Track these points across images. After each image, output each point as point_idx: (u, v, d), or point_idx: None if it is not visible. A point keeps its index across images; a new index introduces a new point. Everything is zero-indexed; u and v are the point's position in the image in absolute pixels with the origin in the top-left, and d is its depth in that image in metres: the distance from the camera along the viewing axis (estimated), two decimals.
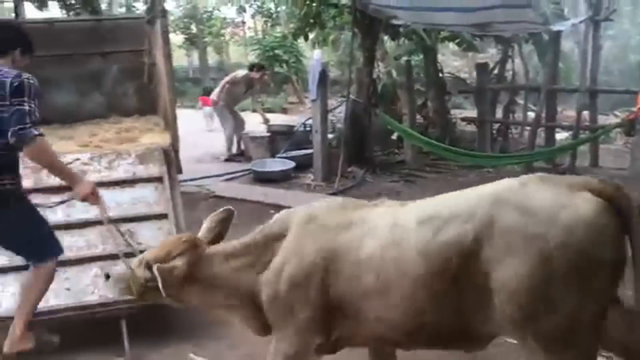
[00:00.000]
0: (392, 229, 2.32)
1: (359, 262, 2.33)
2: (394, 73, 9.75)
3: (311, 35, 10.97)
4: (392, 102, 9.38)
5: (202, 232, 2.78)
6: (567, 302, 2.01)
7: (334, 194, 7.15)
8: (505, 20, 6.59)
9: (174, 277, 2.50)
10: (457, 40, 10.17)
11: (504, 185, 2.23)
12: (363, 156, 8.23)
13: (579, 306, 2.02)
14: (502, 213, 2.08)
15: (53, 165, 3.03)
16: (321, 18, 9.88)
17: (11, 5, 7.83)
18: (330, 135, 8.49)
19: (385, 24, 8.05)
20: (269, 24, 22.34)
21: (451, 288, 2.18)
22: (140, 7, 22.75)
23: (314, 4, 9.41)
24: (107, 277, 2.76)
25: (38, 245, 3.18)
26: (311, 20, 9.82)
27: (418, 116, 9.53)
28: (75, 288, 3.63)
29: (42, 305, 3.37)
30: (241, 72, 10.02)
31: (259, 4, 21.49)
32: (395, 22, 7.61)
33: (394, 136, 9.53)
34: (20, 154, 3.03)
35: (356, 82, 8.34)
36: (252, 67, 9.91)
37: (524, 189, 2.13)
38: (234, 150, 9.86)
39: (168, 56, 4.70)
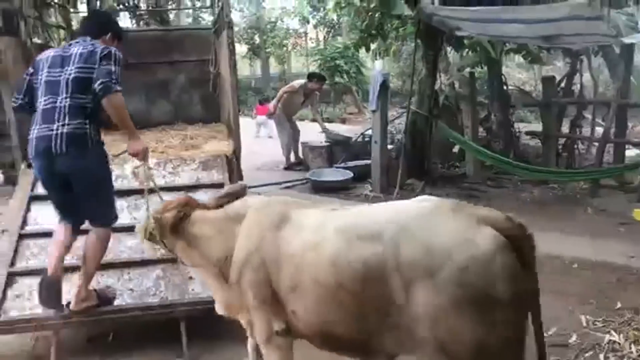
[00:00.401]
0: (316, 232, 2.42)
1: (285, 255, 2.46)
2: (457, 85, 9.62)
3: (373, 46, 10.97)
4: (454, 114, 9.24)
5: (210, 198, 3.04)
6: (469, 332, 2.06)
7: None
8: (574, 32, 6.38)
9: (163, 227, 2.83)
10: (522, 53, 9.94)
11: (414, 211, 2.27)
12: (423, 168, 8.13)
13: (483, 336, 2.06)
14: (406, 242, 2.14)
15: (123, 118, 3.36)
16: (383, 29, 9.87)
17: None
18: (389, 146, 8.44)
19: (448, 35, 7.97)
20: (330, 35, 22.53)
21: (357, 303, 2.25)
22: (207, 18, 23.39)
23: (377, 15, 9.41)
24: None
25: (106, 208, 3.55)
26: (373, 32, 9.82)
27: (480, 129, 9.36)
28: (138, 289, 3.75)
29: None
30: (299, 82, 10.12)
31: (321, 14, 21.69)
32: (459, 33, 7.50)
33: (455, 149, 9.39)
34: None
35: (418, 93, 8.26)
36: (311, 77, 9.97)
37: (431, 219, 2.19)
38: (292, 159, 9.96)
39: (233, 67, 4.80)
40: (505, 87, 9.73)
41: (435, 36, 7.85)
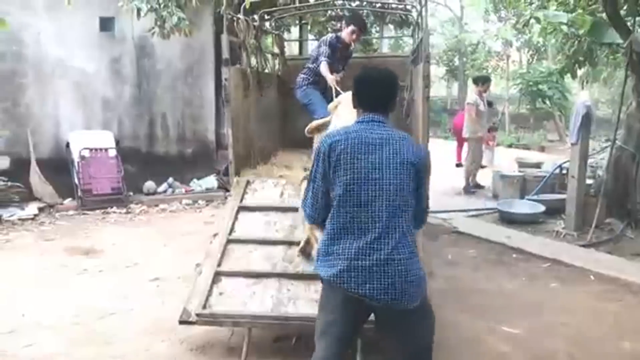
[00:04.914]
0: None
1: None
2: None
3: (579, 72, 10.35)
4: None
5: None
6: None
7: (586, 245, 6.68)
8: None
9: None
10: None
11: None
12: (624, 208, 7.46)
13: None
14: None
15: (323, 74, 5.89)
16: (592, 56, 9.28)
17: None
18: (588, 181, 7.92)
19: None
20: (534, 58, 21.55)
21: None
22: (407, 41, 23.84)
23: (586, 41, 8.89)
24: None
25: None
26: (581, 58, 9.28)
27: None
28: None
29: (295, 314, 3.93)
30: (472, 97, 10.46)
31: (526, 37, 20.85)
32: None
33: None
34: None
35: (625, 127, 7.64)
36: (476, 81, 10.64)
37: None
38: (470, 181, 10.17)
39: (427, 99, 4.96)
40: None
41: None
